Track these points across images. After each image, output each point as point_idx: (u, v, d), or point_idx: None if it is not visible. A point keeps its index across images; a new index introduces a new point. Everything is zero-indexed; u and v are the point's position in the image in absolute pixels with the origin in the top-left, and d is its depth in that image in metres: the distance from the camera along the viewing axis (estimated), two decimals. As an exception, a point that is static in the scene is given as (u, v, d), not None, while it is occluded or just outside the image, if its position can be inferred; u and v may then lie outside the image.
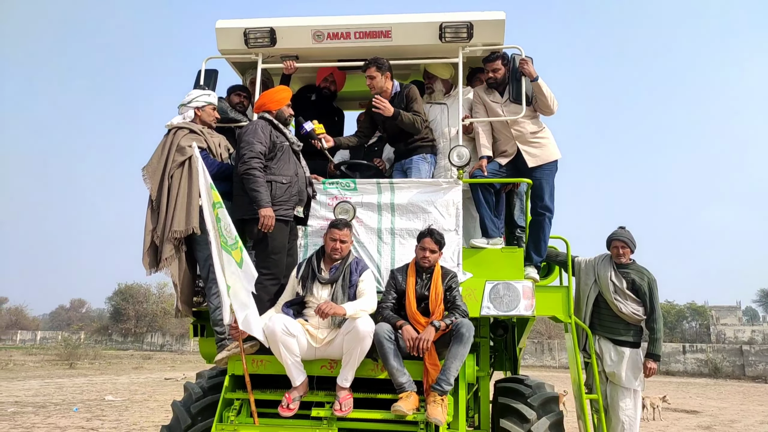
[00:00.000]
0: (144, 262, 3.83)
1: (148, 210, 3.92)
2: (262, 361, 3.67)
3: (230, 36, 4.51)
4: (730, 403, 16.71)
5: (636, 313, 4.65)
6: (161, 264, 3.80)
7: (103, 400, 13.39)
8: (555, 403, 4.26)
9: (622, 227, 4.89)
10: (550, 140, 4.53)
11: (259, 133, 3.79)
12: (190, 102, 4.21)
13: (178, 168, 3.96)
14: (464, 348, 3.46)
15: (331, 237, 3.73)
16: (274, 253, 3.77)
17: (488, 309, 3.93)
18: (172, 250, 3.78)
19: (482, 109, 4.59)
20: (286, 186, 3.83)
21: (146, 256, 3.84)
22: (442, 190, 4.16)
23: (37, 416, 10.60)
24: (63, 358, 27.15)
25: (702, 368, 30.02)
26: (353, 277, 3.67)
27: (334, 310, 3.42)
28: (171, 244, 3.78)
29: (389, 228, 4.15)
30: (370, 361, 3.57)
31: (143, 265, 3.84)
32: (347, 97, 5.66)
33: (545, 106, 4.45)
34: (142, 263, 3.84)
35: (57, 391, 15.18)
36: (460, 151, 4.10)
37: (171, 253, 3.78)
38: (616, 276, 4.71)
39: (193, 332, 4.49)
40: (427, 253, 3.71)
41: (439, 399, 3.37)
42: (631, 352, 4.67)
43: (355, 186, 4.23)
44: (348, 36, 4.45)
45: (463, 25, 4.31)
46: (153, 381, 19.00)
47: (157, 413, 11.48)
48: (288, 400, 3.45)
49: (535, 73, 4.34)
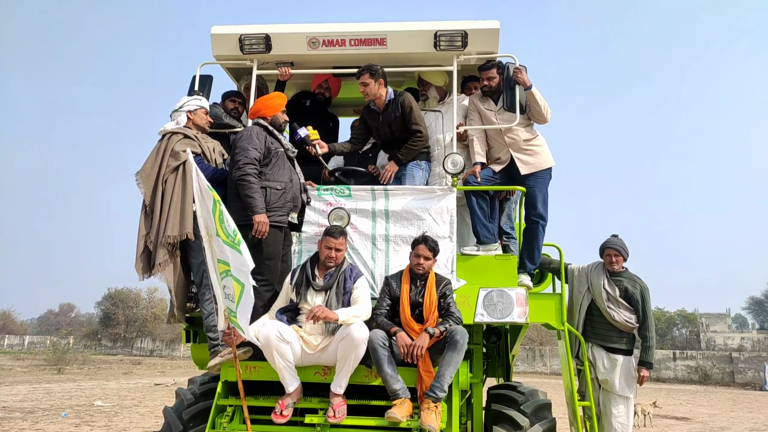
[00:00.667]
0: (137, 267, 3.81)
1: (141, 215, 3.91)
2: (255, 368, 3.66)
3: (225, 42, 4.51)
4: (720, 409, 16.79)
5: (629, 321, 4.68)
6: (155, 269, 3.78)
7: (92, 406, 13.26)
8: (548, 410, 4.27)
9: (615, 235, 4.92)
10: (544, 148, 4.56)
11: (254, 139, 3.79)
12: (182, 107, 4.20)
13: (172, 173, 3.95)
14: (458, 355, 3.47)
15: (326, 245, 3.73)
16: (268, 259, 3.77)
17: (482, 316, 3.94)
18: (166, 255, 3.76)
19: (477, 117, 4.62)
20: (280, 192, 3.83)
21: (139, 261, 3.82)
22: (437, 197, 4.18)
23: (25, 422, 10.48)
24: (51, 363, 26.88)
25: (692, 375, 30.17)
26: (347, 284, 3.67)
27: (326, 314, 3.42)
28: (165, 249, 3.76)
29: (383, 234, 4.16)
30: (364, 368, 3.57)
31: (136, 270, 3.82)
32: (342, 104, 5.68)
33: (539, 115, 4.48)
34: (135, 268, 3.82)
35: (45, 396, 15.02)
36: (454, 158, 4.12)
37: (165, 258, 3.76)
38: (609, 284, 4.74)
39: (185, 338, 4.46)
40: (422, 260, 3.72)
41: (433, 406, 3.38)
42: (624, 359, 4.70)
43: (350, 192, 4.24)
44: (343, 43, 4.46)
45: (458, 33, 4.34)
46: (143, 386, 18.84)
47: (146, 419, 11.39)
48: (281, 407, 3.44)
49: (529, 81, 4.38)
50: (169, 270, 3.79)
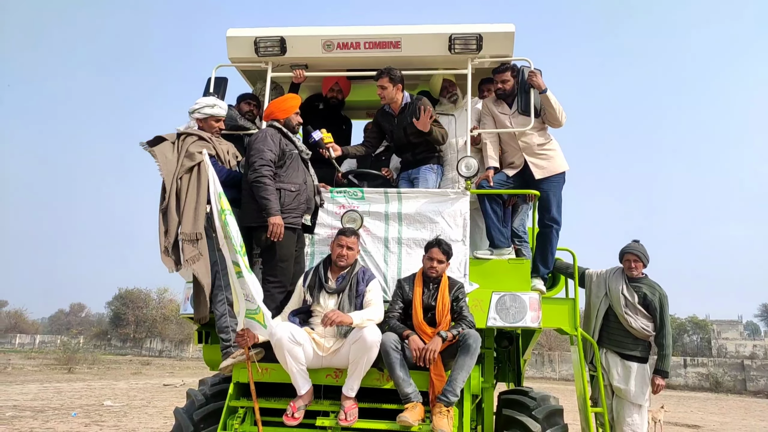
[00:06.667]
0: (165, 261, 3.70)
1: (159, 212, 3.89)
2: (267, 370, 3.66)
3: (241, 44, 4.54)
4: (731, 417, 16.59)
5: (645, 328, 4.61)
6: (184, 264, 3.70)
7: (101, 406, 13.32)
8: (560, 416, 4.23)
9: (636, 241, 4.84)
10: (558, 152, 4.54)
11: (269, 141, 3.80)
12: (193, 112, 4.21)
13: (187, 173, 3.96)
14: (471, 359, 3.45)
15: (338, 243, 3.73)
16: (282, 261, 3.77)
17: (495, 320, 3.92)
18: (193, 251, 3.70)
19: (491, 121, 4.61)
20: (294, 194, 3.83)
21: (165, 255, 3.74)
22: (450, 201, 4.17)
23: (35, 421, 10.55)
24: (62, 362, 27.05)
25: (703, 382, 29.85)
26: (360, 287, 3.66)
27: (340, 318, 3.41)
28: (191, 246, 3.71)
29: (396, 237, 4.15)
30: (375, 371, 3.56)
31: (164, 263, 3.73)
32: (355, 106, 5.68)
33: (553, 119, 4.46)
34: (163, 262, 3.71)
35: (55, 395, 15.11)
36: (468, 161, 4.10)
37: (193, 253, 3.69)
38: (628, 290, 4.68)
39: (197, 339, 4.47)
40: (435, 263, 3.71)
41: (445, 410, 3.36)
42: (639, 367, 4.63)
43: (363, 195, 4.24)
44: (357, 46, 4.47)
45: (473, 36, 4.33)
46: (152, 387, 18.91)
47: (155, 419, 11.43)
48: (293, 409, 3.43)
49: (544, 85, 4.36)
50: (200, 264, 3.70)
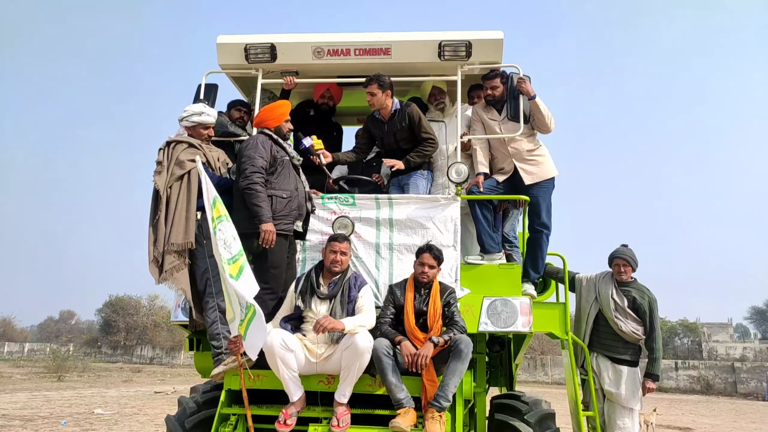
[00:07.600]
0: (152, 272, 3.79)
1: (149, 222, 3.91)
2: (259, 376, 3.65)
3: (231, 51, 4.54)
4: (722, 420, 16.69)
5: (635, 332, 4.66)
6: (163, 275, 3.75)
7: (92, 414, 13.20)
8: (552, 420, 4.25)
9: (624, 245, 4.90)
10: (547, 158, 4.58)
11: (260, 148, 3.81)
12: (182, 120, 4.21)
13: (177, 181, 3.96)
14: (463, 364, 3.46)
15: (331, 249, 3.74)
16: (274, 268, 3.77)
17: (486, 325, 3.94)
18: (174, 261, 3.75)
19: (480, 127, 4.64)
20: (286, 200, 3.84)
21: (152, 266, 3.79)
22: (441, 206, 4.19)
23: (24, 430, 10.43)
24: (51, 370, 26.73)
25: (694, 385, 30.03)
26: (352, 293, 3.67)
27: (333, 325, 3.41)
28: (172, 256, 3.75)
29: (387, 243, 4.17)
30: (368, 377, 3.56)
31: (152, 274, 3.79)
32: (345, 113, 5.70)
33: (542, 125, 4.50)
34: (150, 272, 3.79)
35: (45, 404, 14.95)
36: (458, 167, 4.13)
37: (173, 264, 3.74)
38: (617, 294, 4.72)
39: (188, 346, 4.45)
40: (426, 268, 3.72)
41: (437, 415, 3.37)
42: (629, 370, 4.67)
43: (354, 201, 4.25)
44: (348, 53, 4.49)
45: (462, 43, 4.37)
46: (143, 394, 18.75)
47: (147, 427, 11.33)
48: (285, 416, 3.43)
49: (533, 91, 4.40)
50: (181, 275, 3.77)
